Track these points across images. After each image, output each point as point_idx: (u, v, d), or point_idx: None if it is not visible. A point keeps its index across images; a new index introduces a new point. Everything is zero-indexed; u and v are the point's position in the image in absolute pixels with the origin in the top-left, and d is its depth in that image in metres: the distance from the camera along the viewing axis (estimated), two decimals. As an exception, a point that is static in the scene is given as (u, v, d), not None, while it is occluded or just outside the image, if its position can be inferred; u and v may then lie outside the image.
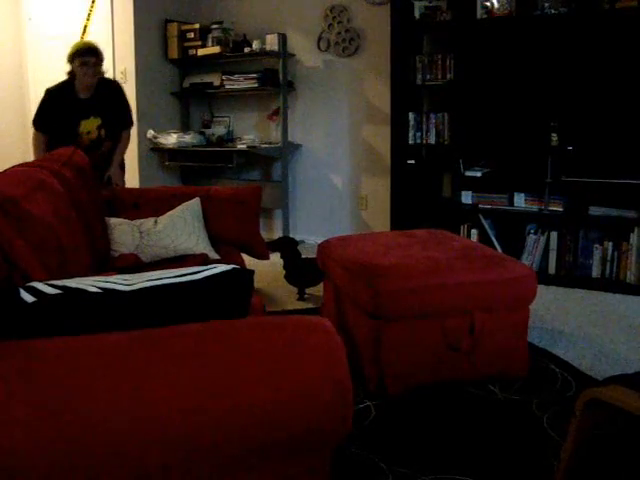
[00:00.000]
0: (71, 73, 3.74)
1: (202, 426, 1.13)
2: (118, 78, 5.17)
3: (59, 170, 2.55)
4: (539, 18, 4.01)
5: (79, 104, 3.76)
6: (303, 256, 3.85)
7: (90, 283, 1.33)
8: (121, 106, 3.97)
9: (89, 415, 1.08)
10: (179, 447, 1.12)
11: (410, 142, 4.58)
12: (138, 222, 2.95)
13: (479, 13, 4.19)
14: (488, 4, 4.16)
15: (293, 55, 5.28)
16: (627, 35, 3.85)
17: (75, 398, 1.09)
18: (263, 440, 1.18)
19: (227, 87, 5.32)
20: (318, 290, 3.68)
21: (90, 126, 3.80)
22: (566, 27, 4.00)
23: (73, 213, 2.40)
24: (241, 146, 5.22)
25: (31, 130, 3.81)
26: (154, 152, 5.38)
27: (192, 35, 5.36)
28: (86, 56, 3.67)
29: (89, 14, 5.19)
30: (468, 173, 4.41)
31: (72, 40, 5.22)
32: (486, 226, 4.41)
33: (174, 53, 5.42)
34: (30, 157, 5.39)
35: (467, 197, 4.46)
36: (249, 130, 5.59)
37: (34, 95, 5.66)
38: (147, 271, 1.54)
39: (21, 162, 2.62)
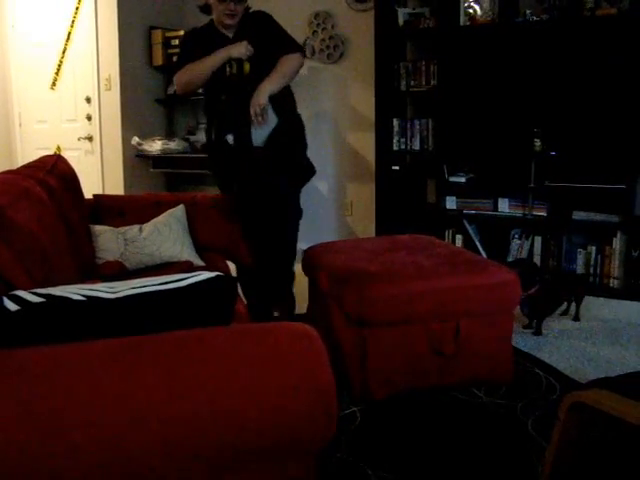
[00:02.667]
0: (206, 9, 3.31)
1: (185, 432, 1.13)
2: (102, 85, 5.15)
3: (43, 178, 2.54)
4: (521, 25, 4.05)
5: (226, 41, 3.27)
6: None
7: (74, 291, 1.33)
8: (273, 36, 3.36)
9: (74, 423, 1.07)
10: (160, 454, 1.12)
11: (394, 148, 4.60)
12: (123, 229, 2.94)
13: (462, 20, 4.23)
14: (471, 11, 4.19)
15: (278, 62, 5.28)
16: (608, 42, 3.90)
17: (60, 406, 1.08)
18: (245, 447, 1.18)
19: (212, 94, 5.31)
20: (304, 298, 3.68)
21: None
22: (548, 34, 4.04)
23: (58, 221, 2.39)
24: (226, 153, 5.22)
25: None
26: (139, 159, 5.36)
27: (177, 42, 5.33)
28: None
29: (73, 21, 5.17)
30: (452, 179, 4.44)
31: (56, 47, 5.26)
32: (470, 231, 4.44)
33: (159, 60, 5.40)
34: (14, 162, 5.38)
35: (451, 202, 4.48)
36: (234, 136, 5.58)
37: (17, 102, 5.64)
38: (132, 278, 1.54)
39: (5, 169, 2.61)
